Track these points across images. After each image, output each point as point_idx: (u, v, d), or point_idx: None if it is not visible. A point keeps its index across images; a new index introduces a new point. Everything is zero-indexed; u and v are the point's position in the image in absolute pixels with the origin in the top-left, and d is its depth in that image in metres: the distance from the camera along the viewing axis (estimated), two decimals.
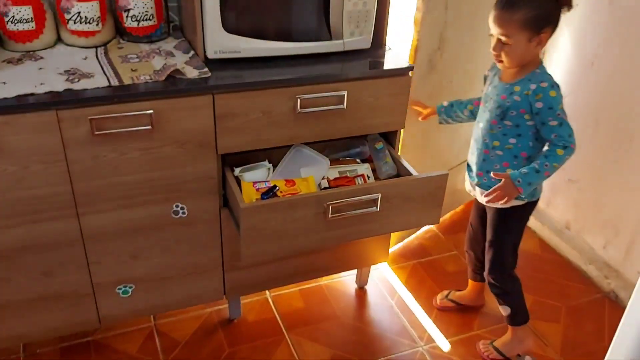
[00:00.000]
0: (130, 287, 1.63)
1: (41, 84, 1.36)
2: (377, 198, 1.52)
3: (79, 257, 1.52)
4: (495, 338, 1.83)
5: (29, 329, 1.58)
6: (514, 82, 1.51)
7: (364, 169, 1.72)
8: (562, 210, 2.36)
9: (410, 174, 1.66)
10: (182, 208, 1.57)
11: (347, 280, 2.10)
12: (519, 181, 1.48)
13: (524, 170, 1.49)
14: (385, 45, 1.74)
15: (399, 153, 1.79)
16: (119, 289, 1.62)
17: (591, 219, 2.23)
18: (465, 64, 2.10)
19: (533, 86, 1.47)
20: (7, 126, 1.30)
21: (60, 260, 1.51)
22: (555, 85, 1.48)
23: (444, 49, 1.97)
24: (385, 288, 2.08)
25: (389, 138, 1.78)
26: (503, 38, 1.44)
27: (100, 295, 1.60)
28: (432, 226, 2.41)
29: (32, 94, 1.33)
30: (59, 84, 1.37)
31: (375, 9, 1.63)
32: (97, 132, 1.37)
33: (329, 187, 1.63)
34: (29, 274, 1.49)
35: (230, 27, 1.51)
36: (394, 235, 2.12)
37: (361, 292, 2.06)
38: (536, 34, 1.42)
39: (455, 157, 2.34)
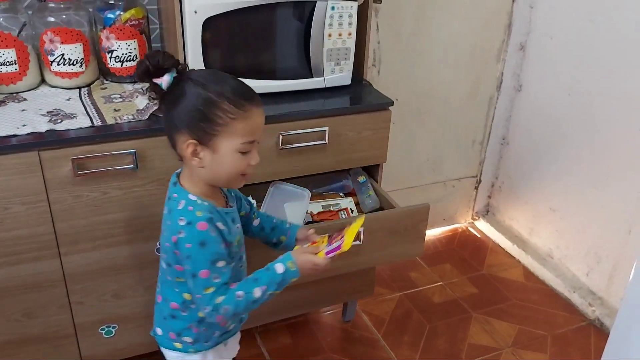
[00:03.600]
0: (113, 327, 1.61)
1: (23, 125, 1.37)
2: (361, 232, 1.54)
3: (61, 297, 1.51)
4: None
5: None
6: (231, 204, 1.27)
7: (347, 202, 1.73)
8: (545, 239, 2.38)
9: (394, 207, 1.68)
10: None
11: (333, 314, 2.09)
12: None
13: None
14: (364, 80, 1.78)
15: (381, 186, 1.81)
16: (102, 329, 1.60)
17: (574, 246, 2.25)
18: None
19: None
20: None
21: (41, 301, 1.49)
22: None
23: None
24: (372, 321, 2.07)
25: (371, 171, 1.81)
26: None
27: (83, 335, 1.58)
28: (417, 258, 2.42)
29: (14, 135, 1.33)
30: (42, 125, 1.38)
31: (354, 47, 1.67)
32: (79, 172, 1.38)
33: (313, 222, 1.65)
34: (9, 315, 1.47)
35: (212, 66, 1.54)
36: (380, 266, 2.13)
37: (348, 325, 2.05)
38: None
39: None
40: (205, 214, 1.12)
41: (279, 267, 1.17)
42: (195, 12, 1.47)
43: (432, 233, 2.58)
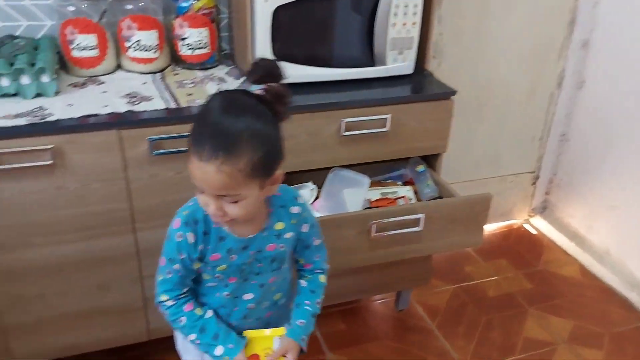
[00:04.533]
0: None
1: (105, 105, 1.45)
2: (421, 218, 1.55)
3: (134, 271, 1.59)
4: None
5: (82, 341, 1.64)
6: (267, 224, 1.09)
7: (406, 190, 1.75)
8: (603, 236, 2.33)
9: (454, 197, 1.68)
10: None
11: (386, 302, 2.11)
12: (303, 338, 1.18)
13: (301, 321, 1.18)
14: (426, 70, 1.79)
15: (441, 176, 1.82)
16: None
17: (633, 244, 2.20)
18: None
19: (295, 209, 1.11)
20: (72, 145, 1.39)
21: (115, 275, 1.57)
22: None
23: None
24: (426, 311, 2.08)
25: (431, 161, 1.82)
26: (227, 200, 0.97)
27: (151, 308, 1.66)
28: (471, 251, 2.41)
29: (96, 115, 1.42)
30: (121, 106, 1.46)
31: (418, 36, 1.69)
32: (155, 152, 1.45)
33: (370, 208, 1.67)
34: (85, 288, 1.56)
35: (279, 54, 1.58)
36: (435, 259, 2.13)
37: (401, 314, 2.06)
38: (269, 176, 0.99)
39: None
40: (186, 215, 1.06)
41: (219, 350, 1.11)
42: (266, 1, 1.52)
43: (488, 228, 2.56)
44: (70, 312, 1.58)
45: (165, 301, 1.12)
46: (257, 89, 0.99)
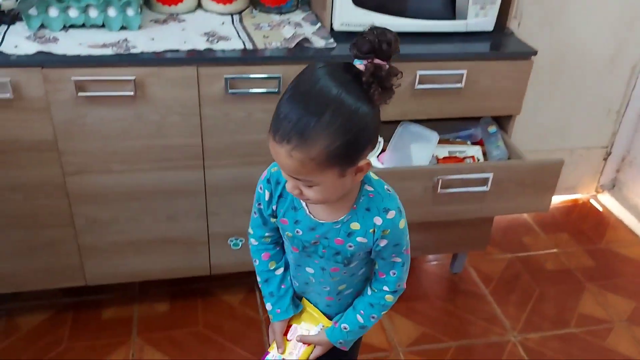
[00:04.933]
0: (240, 241, 1.74)
1: (184, 42, 1.49)
2: (489, 178, 1.53)
3: (200, 207, 1.65)
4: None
5: (147, 268, 1.72)
6: (345, 218, 0.97)
7: (475, 150, 1.72)
8: None
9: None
10: None
11: (441, 265, 2.11)
12: (341, 342, 1.11)
13: (346, 326, 1.09)
14: (507, 28, 1.73)
15: (511, 139, 1.77)
16: (231, 240, 1.73)
17: None
18: None
19: (378, 220, 0.96)
20: (154, 77, 1.44)
21: (184, 208, 1.64)
22: (402, 209, 0.99)
23: None
24: (480, 277, 2.07)
25: (502, 122, 1.77)
26: (302, 184, 0.88)
27: (214, 244, 1.72)
28: (531, 223, 2.36)
29: (177, 50, 1.45)
30: (200, 44, 1.49)
31: None
32: (230, 91, 1.48)
33: (437, 164, 1.66)
34: (156, 217, 1.63)
35: (358, 1, 1.57)
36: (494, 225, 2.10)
37: (455, 277, 2.06)
38: (350, 165, 0.86)
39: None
40: (272, 173, 1.02)
41: (268, 306, 1.13)
42: None
43: (552, 201, 2.48)
44: (141, 239, 1.66)
45: (251, 235, 1.14)
46: (360, 63, 0.83)
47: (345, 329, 1.08)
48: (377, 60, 0.82)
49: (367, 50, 0.82)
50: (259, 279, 1.15)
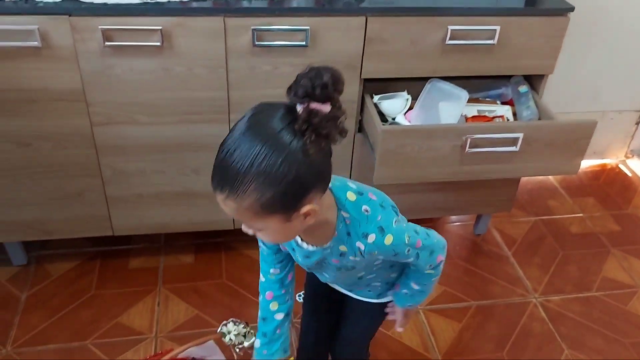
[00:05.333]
0: None
1: None
2: (519, 138, 1.50)
3: None
4: None
5: (172, 220, 1.75)
6: (331, 244, 0.95)
7: (505, 110, 1.68)
8: None
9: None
10: None
11: (464, 225, 2.10)
12: (410, 305, 1.13)
13: (406, 291, 1.09)
14: None
15: (542, 99, 1.73)
16: None
17: None
18: None
19: (360, 245, 0.92)
20: (180, 28, 1.42)
21: (209, 161, 1.62)
22: (385, 225, 0.91)
23: None
24: (504, 239, 2.06)
25: (534, 82, 1.73)
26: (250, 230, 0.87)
27: None
28: (557, 186, 2.33)
29: (204, 0, 1.43)
30: None
31: None
32: (256, 43, 1.46)
33: (465, 123, 1.63)
34: (181, 169, 1.65)
35: None
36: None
37: (478, 238, 2.05)
38: (292, 213, 0.81)
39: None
40: None
41: (257, 343, 1.15)
42: None
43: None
44: (166, 191, 1.68)
45: (261, 269, 1.12)
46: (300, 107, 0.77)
47: (406, 293, 1.09)
48: (314, 105, 0.76)
49: (302, 95, 0.76)
50: (259, 313, 1.14)
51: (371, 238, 0.90)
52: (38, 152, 1.55)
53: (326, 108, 0.77)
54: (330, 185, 0.88)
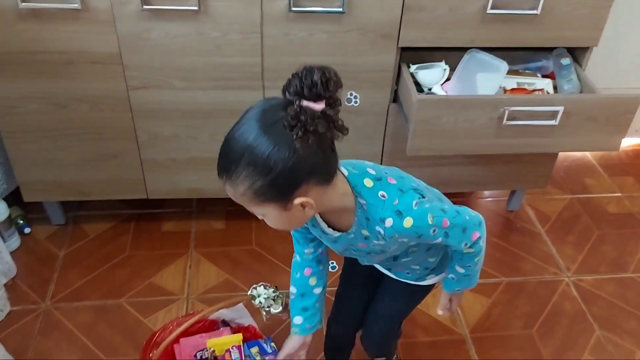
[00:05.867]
0: None
1: None
2: (559, 111, 1.46)
3: None
4: None
5: (204, 186, 1.77)
6: (354, 229, 0.97)
7: (545, 83, 1.63)
8: None
9: None
10: (355, 97, 1.63)
11: (497, 201, 2.07)
12: (458, 290, 1.12)
13: (453, 276, 1.09)
14: None
15: (585, 73, 1.67)
16: None
17: None
18: None
19: (380, 230, 0.93)
20: None
21: None
22: (402, 209, 0.91)
23: None
24: (537, 216, 2.02)
25: (576, 55, 1.66)
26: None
27: None
28: (595, 164, 2.26)
29: None
30: None
31: None
32: (293, 9, 1.44)
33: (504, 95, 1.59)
34: (214, 136, 1.66)
35: None
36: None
37: (510, 215, 2.02)
38: (286, 202, 0.84)
39: None
40: None
41: (297, 319, 1.17)
42: None
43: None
44: (199, 157, 1.69)
45: (295, 251, 1.16)
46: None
47: (453, 278, 1.09)
48: (305, 103, 0.79)
49: (293, 93, 0.80)
50: (294, 291, 1.16)
51: (389, 222, 0.91)
52: (75, 114, 1.58)
53: (318, 106, 0.79)
54: (347, 172, 0.93)
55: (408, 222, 0.91)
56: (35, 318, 1.59)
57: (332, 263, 1.79)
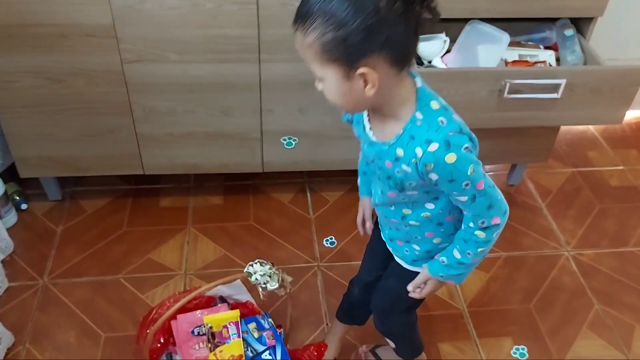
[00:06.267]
0: (294, 140, 1.72)
1: None
2: (561, 84, 1.43)
3: (254, 103, 1.63)
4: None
5: (201, 161, 1.75)
6: (392, 141, 0.92)
7: (547, 55, 1.60)
8: None
9: None
10: None
11: (497, 175, 2.05)
12: (441, 276, 1.06)
13: (444, 259, 1.04)
14: None
15: (589, 44, 1.63)
16: (284, 139, 1.72)
17: None
18: None
19: (419, 151, 0.88)
20: None
21: (238, 102, 1.62)
22: (453, 143, 0.87)
23: None
24: (538, 190, 2.00)
25: (580, 26, 1.62)
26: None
27: (267, 142, 1.72)
28: (598, 136, 2.24)
29: None
30: None
31: None
32: None
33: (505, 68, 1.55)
34: (211, 110, 1.63)
35: None
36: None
37: (511, 189, 2.00)
38: (350, 68, 0.82)
39: None
40: None
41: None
42: None
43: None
44: (196, 131, 1.67)
45: None
46: None
47: (444, 262, 1.03)
48: None
49: None
50: (359, 169, 1.20)
51: (433, 147, 0.86)
52: (71, 89, 1.55)
53: None
54: (420, 85, 0.90)
55: (451, 157, 0.86)
56: (34, 294, 1.59)
57: (331, 238, 1.79)
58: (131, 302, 1.58)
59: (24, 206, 1.83)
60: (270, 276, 1.24)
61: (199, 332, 1.33)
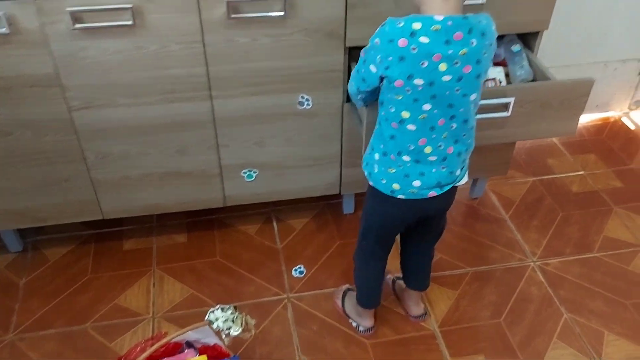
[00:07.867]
0: (254, 172, 1.71)
1: None
2: (510, 103, 1.44)
3: (210, 139, 1.61)
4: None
5: (162, 201, 1.73)
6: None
7: (497, 72, 1.61)
8: None
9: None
10: (307, 99, 1.59)
11: (461, 189, 2.05)
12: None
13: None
14: None
15: (538, 55, 1.65)
16: (244, 172, 1.71)
17: None
18: None
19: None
20: (151, 4, 1.36)
21: (193, 140, 1.61)
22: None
23: None
24: (501, 201, 2.02)
25: (528, 40, 1.65)
26: None
27: (227, 176, 1.71)
28: (557, 143, 2.27)
29: None
30: None
31: None
32: (232, 16, 1.39)
33: None
34: (166, 150, 1.61)
35: None
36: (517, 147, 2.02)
37: (474, 202, 2.02)
38: None
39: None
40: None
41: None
42: None
43: (581, 120, 2.36)
44: (152, 172, 1.65)
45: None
46: None
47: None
48: None
49: None
50: None
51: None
52: (19, 141, 1.52)
53: None
54: None
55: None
56: (0, 351, 1.55)
57: (300, 267, 1.77)
58: (100, 352, 1.55)
59: None
60: (233, 321, 1.22)
61: None
